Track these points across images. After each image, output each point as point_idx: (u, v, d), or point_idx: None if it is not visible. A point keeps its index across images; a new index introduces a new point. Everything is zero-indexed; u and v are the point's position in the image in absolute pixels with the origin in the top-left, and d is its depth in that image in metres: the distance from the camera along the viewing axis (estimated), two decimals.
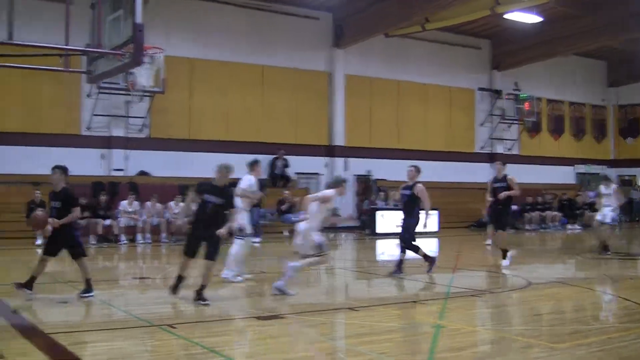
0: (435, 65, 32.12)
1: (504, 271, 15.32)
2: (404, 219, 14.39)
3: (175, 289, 10.77)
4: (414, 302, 11.17)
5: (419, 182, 14.47)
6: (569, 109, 37.62)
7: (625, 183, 37.06)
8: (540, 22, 27.84)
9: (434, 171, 29.91)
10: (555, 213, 31.20)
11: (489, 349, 8.33)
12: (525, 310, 11.12)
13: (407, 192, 14.40)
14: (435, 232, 26.54)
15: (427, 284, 13.44)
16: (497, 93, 33.81)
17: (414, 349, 7.93)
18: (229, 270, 12.86)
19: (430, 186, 29.53)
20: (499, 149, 34.05)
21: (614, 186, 19.98)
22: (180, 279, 10.84)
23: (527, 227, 30.20)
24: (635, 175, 37.66)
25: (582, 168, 37.40)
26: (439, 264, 14.85)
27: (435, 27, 28.97)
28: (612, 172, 38.50)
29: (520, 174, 33.21)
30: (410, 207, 14.28)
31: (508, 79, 34.10)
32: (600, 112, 39.15)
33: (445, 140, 32.52)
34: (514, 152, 34.59)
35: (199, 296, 10.30)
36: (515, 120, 34.12)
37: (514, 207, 29.54)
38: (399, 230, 14.59)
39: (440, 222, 27.02)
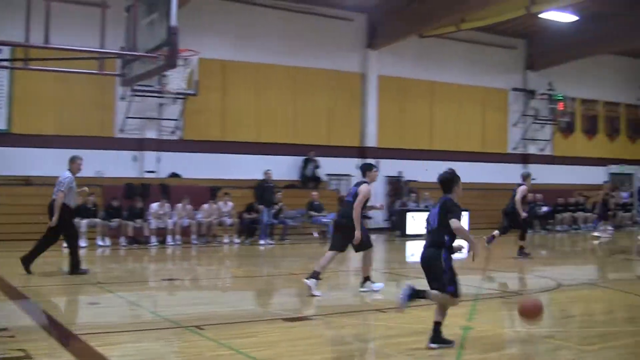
0: (469, 66, 31.90)
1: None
2: None
3: None
4: None
5: None
6: (603, 109, 37.20)
7: None
8: (576, 21, 27.54)
9: (466, 172, 29.56)
10: (588, 214, 30.86)
11: (517, 351, 8.31)
12: (554, 312, 11.05)
13: None
14: None
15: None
16: (531, 93, 33.53)
17: (441, 350, 7.91)
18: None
19: (463, 187, 29.51)
20: (532, 149, 33.78)
21: None
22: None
23: (558, 228, 29.95)
24: None
25: (615, 168, 36.96)
26: (469, 266, 14.72)
27: (471, 27, 28.76)
28: None
29: (553, 175, 33.42)
30: None
31: (542, 79, 33.75)
32: (635, 112, 38.59)
33: (478, 141, 32.35)
34: (547, 152, 34.26)
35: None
36: (549, 120, 33.75)
37: (545, 209, 29.51)
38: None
39: (470, 223, 26.91)
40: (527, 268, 17.00)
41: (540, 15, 26.78)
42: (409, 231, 25.44)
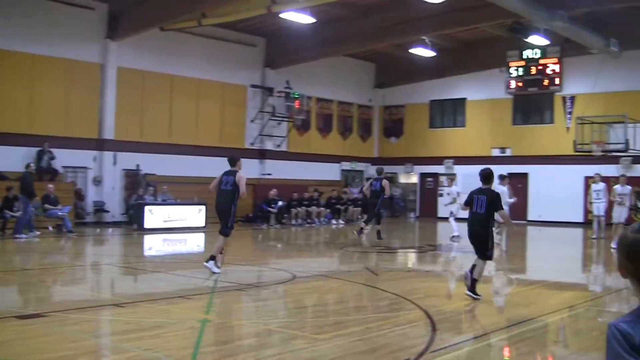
0: (210, 61, 32.07)
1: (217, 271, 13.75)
2: None
3: None
4: (181, 297, 11.25)
5: None
6: (337, 108, 38.84)
7: (389, 180, 38.90)
8: (314, 23, 28.33)
9: (204, 166, 30.03)
10: (322, 209, 32.14)
11: (254, 341, 8.54)
12: (289, 303, 11.52)
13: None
14: (202, 227, 26.64)
15: (193, 279, 13.53)
16: (269, 90, 34.25)
17: (180, 344, 8.02)
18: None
19: (200, 181, 30.01)
20: (269, 145, 34.55)
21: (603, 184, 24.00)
22: None
23: (293, 222, 30.93)
24: (396, 173, 39.41)
25: (347, 165, 38.72)
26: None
27: (212, 23, 28.95)
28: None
29: (288, 171, 34.46)
30: None
31: (280, 77, 34.56)
32: (366, 112, 40.70)
33: (217, 136, 32.59)
34: (283, 148, 35.21)
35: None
36: (286, 117, 34.69)
37: (280, 203, 30.41)
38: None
39: (207, 217, 27.14)
40: (263, 261, 17.49)
41: (280, 15, 27.42)
42: (146, 225, 25.21)
